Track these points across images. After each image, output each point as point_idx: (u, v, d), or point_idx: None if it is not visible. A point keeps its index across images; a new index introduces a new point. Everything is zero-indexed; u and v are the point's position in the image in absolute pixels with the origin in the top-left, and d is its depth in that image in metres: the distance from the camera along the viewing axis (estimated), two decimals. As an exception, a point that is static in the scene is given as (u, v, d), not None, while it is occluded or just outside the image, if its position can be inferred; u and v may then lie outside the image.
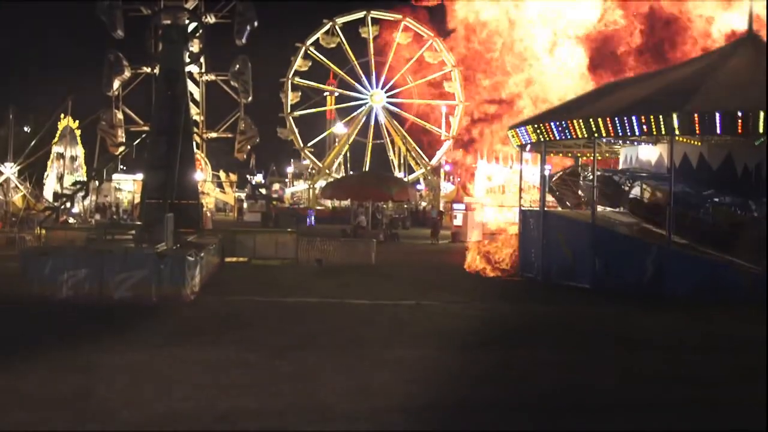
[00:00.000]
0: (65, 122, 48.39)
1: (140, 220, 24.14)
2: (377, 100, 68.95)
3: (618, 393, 9.62)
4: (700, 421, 8.47)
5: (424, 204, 64.88)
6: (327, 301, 16.60)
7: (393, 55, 67.65)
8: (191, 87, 49.38)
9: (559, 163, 30.13)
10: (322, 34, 66.45)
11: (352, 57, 67.80)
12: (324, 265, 24.09)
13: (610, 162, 27.23)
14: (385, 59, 68.02)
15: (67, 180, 44.40)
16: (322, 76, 71.36)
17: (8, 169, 40.57)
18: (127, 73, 39.04)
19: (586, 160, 25.56)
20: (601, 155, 26.07)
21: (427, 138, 69.57)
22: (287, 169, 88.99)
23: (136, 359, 10.61)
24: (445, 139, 68.48)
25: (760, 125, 17.67)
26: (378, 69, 68.83)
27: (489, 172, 47.91)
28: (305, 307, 15.94)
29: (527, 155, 32.15)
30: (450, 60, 65.71)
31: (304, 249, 25.26)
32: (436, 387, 9.53)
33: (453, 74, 66.65)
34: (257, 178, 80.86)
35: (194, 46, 31.75)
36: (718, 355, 12.00)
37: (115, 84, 38.02)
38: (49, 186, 48.51)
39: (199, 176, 41.31)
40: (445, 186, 68.37)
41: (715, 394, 9.61)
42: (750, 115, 17.74)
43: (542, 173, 23.72)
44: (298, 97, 67.56)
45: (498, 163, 47.51)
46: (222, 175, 67.44)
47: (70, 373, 9.73)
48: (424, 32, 65.82)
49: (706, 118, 18.05)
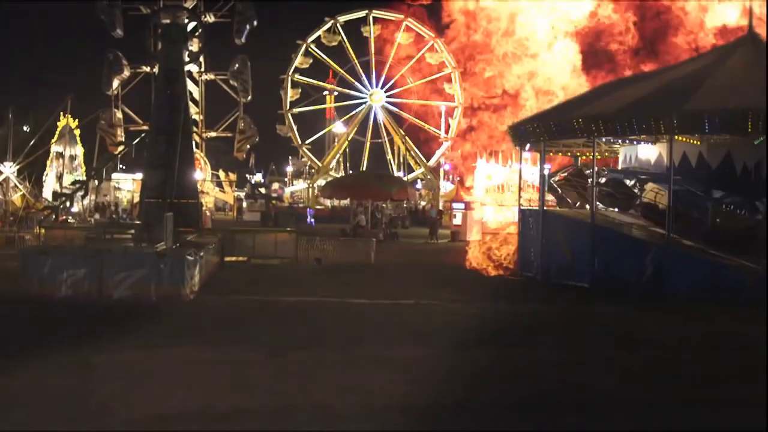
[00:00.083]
0: (64, 121, 48.37)
1: (140, 219, 24.14)
2: (377, 99, 68.84)
3: (618, 393, 9.62)
4: (700, 421, 8.47)
5: (423, 203, 64.82)
6: (326, 301, 16.60)
7: (393, 55, 67.57)
8: (190, 86, 49.21)
9: (561, 162, 30.13)
10: (324, 32, 66.31)
11: (353, 56, 67.71)
12: (323, 265, 24.08)
13: (609, 162, 27.21)
14: (386, 59, 67.96)
15: (67, 179, 44.32)
16: (323, 74, 71.29)
17: (7, 169, 40.57)
18: (127, 73, 39.05)
19: (586, 160, 25.55)
20: (600, 155, 26.08)
21: (425, 137, 69.56)
22: (287, 168, 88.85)
23: (135, 359, 10.60)
24: (443, 140, 68.44)
25: (759, 125, 17.66)
26: (378, 68, 68.73)
27: (488, 171, 47.93)
28: (305, 307, 15.94)
29: (527, 155, 32.18)
30: (450, 61, 65.60)
31: (303, 248, 25.25)
32: (435, 386, 9.53)
33: (453, 76, 66.50)
34: (257, 177, 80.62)
35: (194, 46, 31.74)
36: (718, 355, 12.01)
37: (115, 83, 38.04)
38: (49, 185, 48.53)
39: (199, 175, 41.22)
40: (445, 185, 68.33)
41: (715, 394, 9.61)
42: (749, 115, 17.74)
43: (542, 172, 23.72)
44: (298, 94, 67.41)
45: (497, 162, 47.51)
46: (221, 174, 67.26)
47: (69, 373, 9.73)
48: (426, 33, 65.69)
49: (706, 117, 18.05)
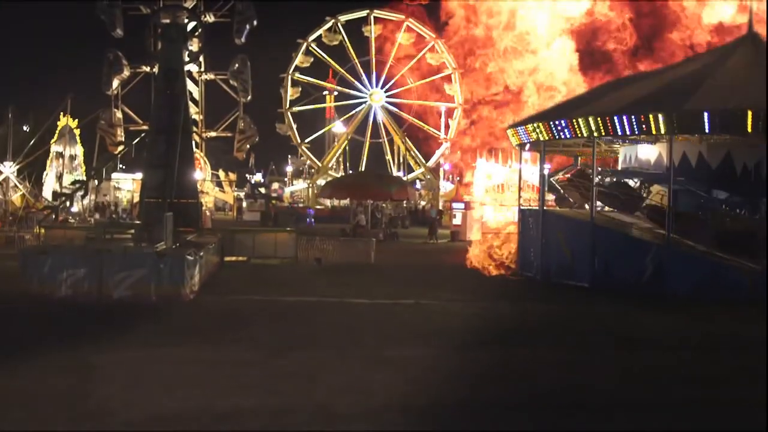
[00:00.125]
0: (64, 121, 48.34)
1: (139, 219, 24.13)
2: (376, 99, 68.84)
3: (618, 393, 9.62)
4: (700, 421, 8.47)
5: (423, 203, 64.81)
6: (326, 300, 16.59)
7: (394, 55, 67.50)
8: (190, 86, 49.27)
9: (561, 162, 30.12)
10: (325, 31, 66.27)
11: (353, 55, 67.63)
12: (323, 264, 24.07)
13: (610, 162, 27.20)
14: (387, 59, 67.90)
15: (67, 179, 44.29)
16: (324, 74, 71.21)
17: (7, 168, 40.58)
18: (127, 72, 39.04)
19: (586, 159, 25.56)
20: (601, 154, 26.08)
21: (424, 137, 69.52)
22: (286, 168, 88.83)
23: (135, 358, 10.60)
24: (442, 141, 68.43)
25: (759, 124, 17.65)
26: (378, 68, 68.67)
27: (488, 170, 47.92)
28: (305, 307, 15.93)
29: (527, 154, 32.18)
30: (451, 62, 65.57)
31: (303, 248, 25.25)
32: (435, 386, 9.53)
33: (453, 76, 66.46)
34: (256, 177, 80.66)
35: (193, 45, 31.73)
36: (718, 355, 12.01)
37: (115, 83, 38.02)
38: (48, 185, 48.47)
39: (199, 175, 41.24)
40: (445, 185, 68.30)
41: (715, 394, 9.62)
42: (749, 114, 17.72)
43: (542, 172, 23.72)
44: (298, 92, 67.35)
45: (497, 161, 47.49)
46: (221, 174, 67.22)
47: (69, 373, 9.72)
48: (426, 33, 65.63)
49: (706, 117, 18.04)
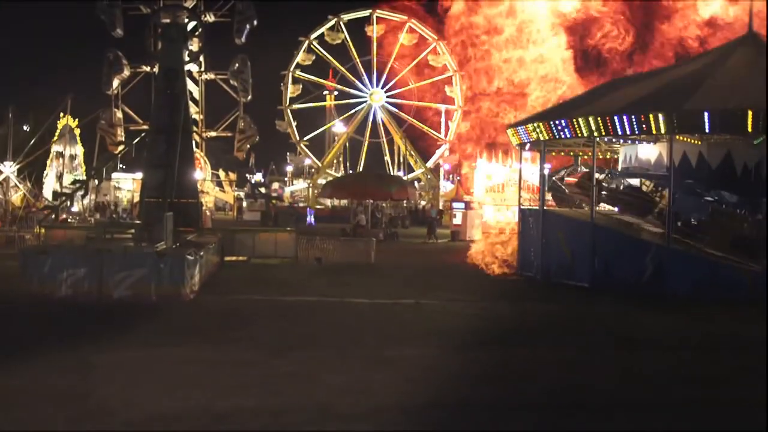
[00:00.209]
0: (65, 121, 48.33)
1: (140, 218, 24.15)
2: (376, 99, 68.80)
3: (618, 393, 9.62)
4: (700, 421, 8.47)
5: (423, 203, 64.81)
6: (326, 300, 16.59)
7: (395, 56, 67.44)
8: (191, 86, 49.28)
9: (561, 161, 30.07)
10: (327, 30, 66.20)
11: (355, 54, 67.52)
12: (323, 264, 24.08)
13: (610, 162, 27.18)
14: (388, 59, 67.87)
15: (67, 179, 44.28)
16: (325, 73, 71.06)
17: (8, 168, 40.57)
18: (127, 72, 39.12)
19: (586, 159, 25.56)
20: (602, 154, 26.08)
21: (424, 137, 69.51)
22: (287, 167, 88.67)
23: (135, 358, 10.60)
24: (441, 142, 68.42)
25: (759, 124, 17.65)
26: (380, 68, 68.62)
27: (488, 170, 47.92)
28: (305, 306, 15.94)
29: (527, 154, 32.15)
30: (452, 64, 65.54)
31: (303, 248, 25.25)
32: (435, 386, 9.53)
33: (454, 79, 66.43)
34: (257, 177, 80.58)
35: (194, 45, 31.77)
36: (718, 355, 12.01)
37: (115, 83, 38.12)
38: (49, 185, 48.46)
39: (199, 175, 41.25)
40: (445, 185, 68.29)
41: (715, 394, 9.61)
42: (749, 114, 17.72)
43: (542, 172, 23.71)
44: (299, 90, 67.26)
45: (497, 160, 47.49)
46: (221, 174, 67.16)
47: (69, 373, 9.72)
48: (429, 35, 65.56)
49: (706, 117, 18.03)
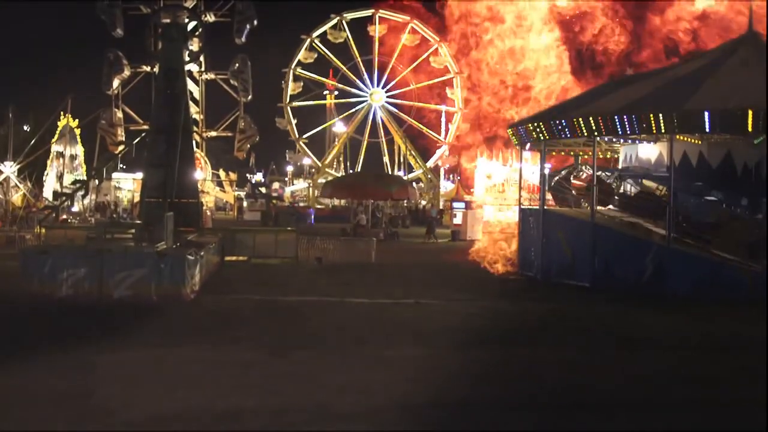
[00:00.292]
0: (65, 121, 48.35)
1: (140, 218, 24.13)
2: (377, 98, 68.79)
3: (618, 393, 9.62)
4: (700, 421, 8.47)
5: (423, 203, 64.83)
6: (327, 300, 16.59)
7: (397, 56, 67.44)
8: (191, 86, 49.33)
9: (560, 160, 30.10)
10: (330, 29, 66.16)
11: (356, 53, 67.53)
12: (324, 264, 24.08)
13: (610, 161, 27.18)
14: (389, 59, 67.85)
15: (67, 179, 44.31)
16: (325, 72, 71.18)
17: (8, 168, 40.58)
18: (127, 72, 39.00)
19: (586, 159, 25.57)
20: (602, 153, 26.08)
21: (424, 137, 69.52)
22: (287, 167, 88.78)
23: (135, 358, 10.60)
24: (440, 144, 68.40)
25: (759, 124, 17.66)
26: (381, 68, 68.62)
27: (489, 170, 47.92)
28: (305, 306, 15.94)
29: (527, 154, 32.13)
30: (453, 66, 65.55)
31: (304, 248, 25.25)
32: (436, 386, 9.52)
33: (455, 81, 66.45)
34: (257, 176, 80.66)
35: (194, 45, 31.76)
36: (718, 355, 12.00)
37: (115, 83, 38.00)
38: (49, 185, 48.48)
39: (199, 175, 41.28)
40: (445, 185, 68.31)
41: (715, 394, 9.62)
42: (749, 114, 17.72)
43: (542, 172, 23.71)
44: (300, 88, 67.26)
45: (497, 159, 47.49)
46: (222, 173, 67.25)
47: (69, 372, 9.72)
48: (431, 36, 65.57)
49: (706, 116, 18.03)
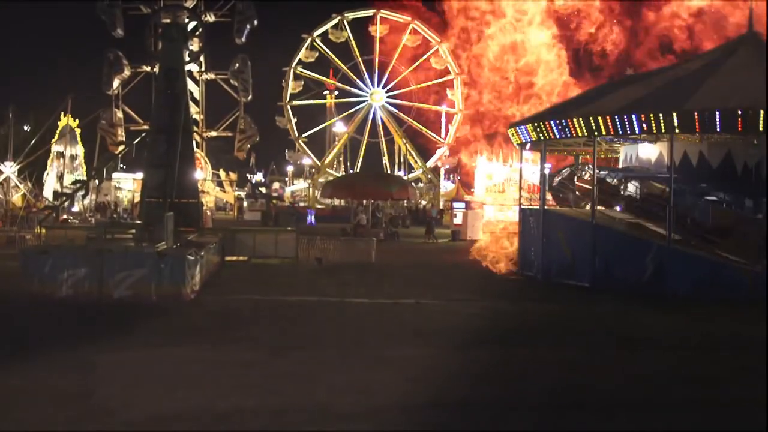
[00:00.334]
0: (65, 121, 48.32)
1: (140, 218, 24.13)
2: (377, 99, 68.75)
3: (618, 393, 9.62)
4: (700, 421, 8.47)
5: (424, 203, 64.83)
6: (327, 300, 16.59)
7: (398, 57, 67.37)
8: (191, 86, 49.38)
9: (560, 160, 30.10)
10: (331, 28, 66.10)
11: (357, 53, 67.46)
12: (324, 264, 24.07)
13: (611, 161, 27.18)
14: (390, 59, 67.80)
15: (67, 179, 44.31)
16: (326, 72, 71.10)
17: (8, 168, 40.58)
18: (127, 72, 39.11)
19: (586, 159, 25.58)
20: (603, 153, 26.08)
21: (423, 135, 69.46)
22: (287, 167, 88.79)
23: (135, 358, 10.61)
24: (440, 145, 68.37)
25: (759, 123, 17.66)
26: (381, 68, 68.54)
27: (489, 170, 47.92)
28: (305, 306, 15.94)
29: (527, 154, 32.15)
30: (454, 67, 65.51)
31: (304, 248, 25.25)
32: (436, 386, 9.53)
33: (455, 82, 66.40)
34: (257, 176, 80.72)
35: (194, 45, 31.82)
36: (718, 355, 12.01)
37: (115, 83, 38.09)
38: (49, 185, 48.46)
39: (199, 175, 41.30)
40: (445, 185, 68.30)
41: (715, 394, 9.62)
42: (750, 114, 17.73)
43: (542, 172, 23.72)
44: (301, 86, 67.18)
45: (498, 158, 47.49)
46: (222, 173, 67.17)
47: (69, 372, 9.73)
48: (432, 37, 65.52)
49: (706, 116, 18.03)
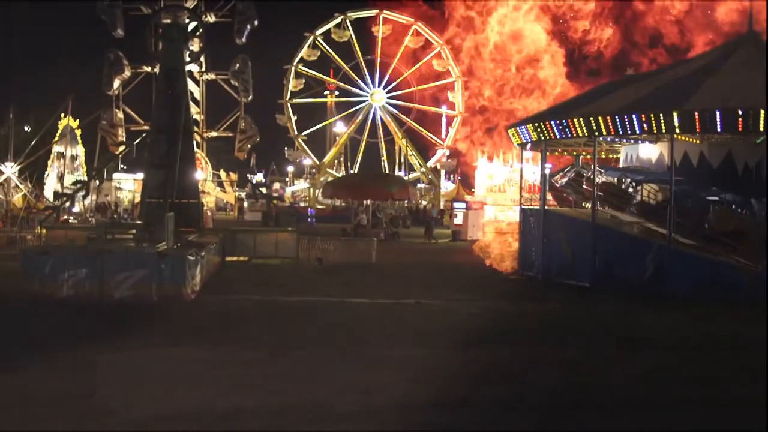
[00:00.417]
0: (65, 121, 48.32)
1: (141, 219, 24.15)
2: (377, 99, 68.73)
3: (618, 392, 9.62)
4: (700, 421, 8.47)
5: (424, 203, 64.82)
6: (327, 300, 16.60)
7: (400, 57, 67.33)
8: (191, 86, 49.24)
9: (561, 160, 30.11)
10: (334, 28, 66.04)
11: (359, 53, 67.44)
12: (324, 264, 24.08)
13: (611, 161, 27.17)
14: (392, 60, 67.76)
15: (68, 179, 44.31)
16: (327, 72, 71.11)
17: (9, 169, 40.59)
18: (128, 72, 38.95)
19: (586, 160, 25.58)
20: (604, 153, 26.08)
21: (423, 136, 69.43)
22: (288, 168, 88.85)
23: (136, 359, 10.62)
24: (439, 147, 68.34)
25: (760, 123, 17.65)
26: (383, 69, 68.50)
27: (490, 170, 47.99)
28: (305, 307, 15.95)
29: (528, 154, 32.14)
30: (455, 70, 65.49)
31: (304, 248, 25.27)
32: (436, 386, 9.53)
33: (456, 84, 66.37)
34: (258, 177, 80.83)
35: (194, 45, 31.77)
36: (718, 355, 12.00)
37: (116, 83, 37.95)
38: (50, 185, 48.45)
39: (200, 175, 41.26)
40: (445, 185, 68.29)
41: (715, 394, 9.62)
42: (750, 114, 17.72)
43: (542, 172, 23.72)
44: (302, 84, 67.12)
45: (498, 158, 47.54)
46: (222, 174, 67.20)
47: (70, 373, 9.74)
48: (434, 39, 65.50)
49: (707, 116, 18.03)
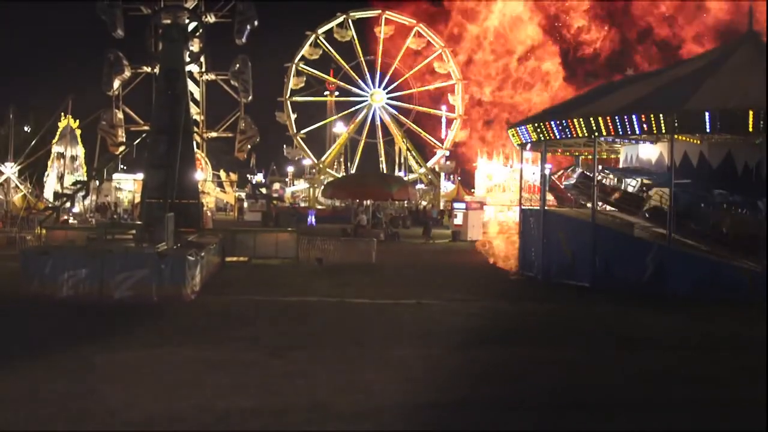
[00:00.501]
0: (65, 122, 48.32)
1: (140, 219, 24.16)
2: (377, 99, 68.72)
3: (618, 393, 9.62)
4: (700, 421, 8.47)
5: (424, 203, 64.80)
6: (327, 301, 16.60)
7: (401, 58, 67.27)
8: (191, 86, 49.25)
9: (561, 161, 30.12)
10: (336, 27, 65.99)
11: (360, 53, 67.38)
12: (324, 265, 24.07)
13: (611, 161, 27.19)
14: (393, 61, 67.71)
15: (68, 180, 44.31)
16: (327, 71, 71.05)
17: (8, 169, 40.59)
18: (127, 73, 39.12)
19: (586, 160, 25.60)
20: (605, 153, 26.09)
21: (422, 136, 69.39)
22: (287, 168, 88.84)
23: (135, 358, 10.62)
24: (438, 148, 68.35)
25: (760, 124, 17.65)
26: (384, 69, 68.41)
27: (489, 170, 47.99)
28: (305, 307, 15.94)
29: (528, 154, 32.17)
30: (456, 72, 65.46)
31: (304, 248, 25.26)
32: (435, 386, 9.54)
33: (457, 87, 66.34)
34: (257, 177, 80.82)
35: (194, 46, 31.79)
36: (718, 355, 12.00)
37: (116, 83, 38.13)
38: (50, 186, 48.44)
39: (200, 176, 41.28)
40: (445, 185, 68.27)
41: (715, 394, 9.62)
42: (750, 114, 17.72)
43: (542, 172, 23.73)
44: (302, 83, 67.02)
45: (498, 158, 47.56)
46: (222, 174, 67.19)
47: (70, 373, 9.74)
48: (436, 41, 65.48)
49: (706, 116, 18.03)
